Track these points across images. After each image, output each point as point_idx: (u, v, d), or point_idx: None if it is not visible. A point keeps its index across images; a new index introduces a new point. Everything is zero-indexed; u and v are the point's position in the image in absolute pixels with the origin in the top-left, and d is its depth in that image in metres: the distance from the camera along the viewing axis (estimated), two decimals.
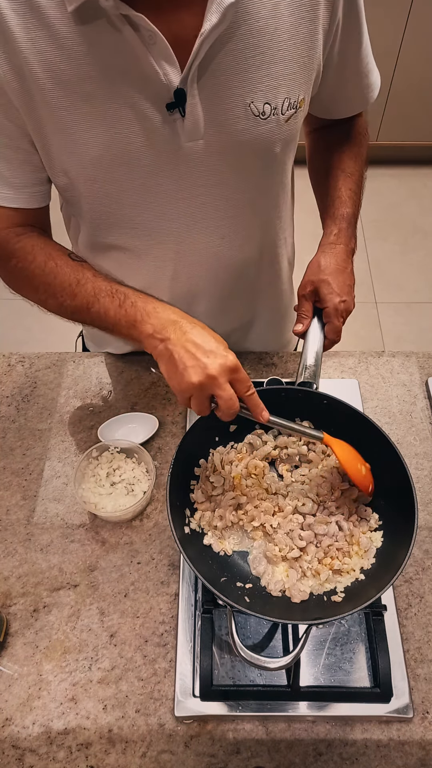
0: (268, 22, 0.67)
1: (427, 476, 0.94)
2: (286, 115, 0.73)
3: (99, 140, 0.70)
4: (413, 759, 0.71)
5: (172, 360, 0.69)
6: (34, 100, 0.67)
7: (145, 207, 0.78)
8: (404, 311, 2.51)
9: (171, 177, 0.75)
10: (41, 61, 0.64)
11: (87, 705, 0.73)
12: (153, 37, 0.63)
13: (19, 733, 0.71)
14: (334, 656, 0.76)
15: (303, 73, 0.72)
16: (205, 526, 0.78)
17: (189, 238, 0.83)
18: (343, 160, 0.94)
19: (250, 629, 0.78)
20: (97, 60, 0.64)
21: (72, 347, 1.25)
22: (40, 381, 1.05)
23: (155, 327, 0.72)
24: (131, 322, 0.74)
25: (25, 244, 0.79)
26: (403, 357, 1.10)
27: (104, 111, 0.68)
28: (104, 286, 0.77)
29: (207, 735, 0.72)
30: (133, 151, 0.71)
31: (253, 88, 0.70)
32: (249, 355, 1.09)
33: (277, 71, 0.70)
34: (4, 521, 0.88)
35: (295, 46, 0.70)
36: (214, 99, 0.69)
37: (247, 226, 0.87)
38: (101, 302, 0.76)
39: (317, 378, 0.83)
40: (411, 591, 0.82)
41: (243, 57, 0.68)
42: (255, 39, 0.67)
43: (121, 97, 0.67)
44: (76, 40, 0.63)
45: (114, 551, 0.85)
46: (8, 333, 2.35)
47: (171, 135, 0.71)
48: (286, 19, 0.67)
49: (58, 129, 0.69)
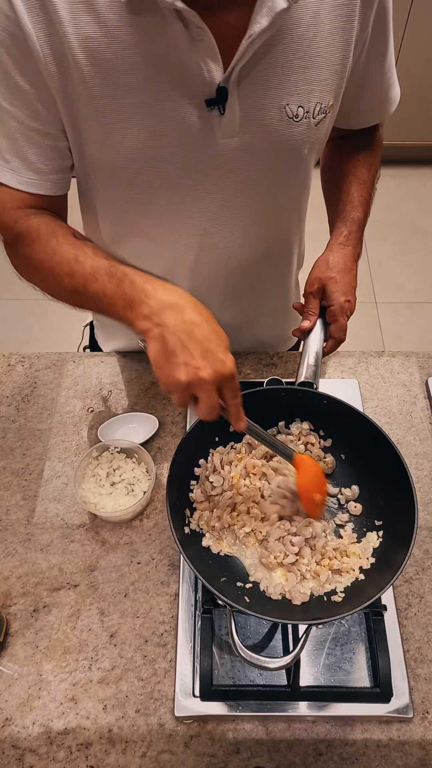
0: (308, 29, 0.68)
1: (427, 476, 0.94)
2: (316, 119, 0.75)
3: (136, 132, 0.70)
4: (413, 759, 0.71)
5: (165, 348, 0.63)
6: (73, 87, 0.67)
7: (172, 200, 0.79)
8: (404, 311, 2.51)
9: (202, 172, 0.76)
10: (86, 48, 0.64)
11: (87, 705, 0.73)
12: (201, 34, 0.63)
13: (19, 733, 0.71)
14: (334, 656, 0.76)
15: (334, 79, 0.74)
16: (203, 526, 0.78)
17: (212, 232, 0.85)
18: (357, 168, 0.95)
19: (250, 629, 0.78)
20: (143, 51, 0.65)
21: (72, 348, 1.25)
22: (40, 381, 1.05)
23: (152, 309, 0.64)
24: (128, 303, 0.67)
25: (32, 223, 0.77)
26: (403, 357, 1.10)
27: (144, 103, 0.68)
28: (103, 264, 0.70)
29: (207, 735, 0.72)
30: (168, 145, 0.72)
31: (289, 91, 0.71)
32: (249, 355, 1.09)
33: (312, 76, 0.72)
34: (4, 521, 0.88)
35: (330, 54, 0.71)
36: (252, 99, 0.71)
37: (269, 223, 0.89)
38: (99, 281, 0.70)
39: (317, 378, 0.83)
40: (411, 591, 0.82)
41: (283, 60, 0.69)
42: (296, 44, 0.69)
43: (162, 91, 0.68)
44: (125, 30, 0.63)
45: (114, 551, 0.85)
46: (8, 333, 2.35)
47: (207, 131, 0.72)
48: (325, 27, 0.69)
49: (96, 118, 0.69)
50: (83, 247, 0.74)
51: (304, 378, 0.83)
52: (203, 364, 0.62)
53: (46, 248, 0.74)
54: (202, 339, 0.63)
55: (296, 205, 0.92)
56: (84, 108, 0.69)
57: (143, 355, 1.08)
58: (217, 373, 0.62)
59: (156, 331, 0.63)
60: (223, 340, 0.65)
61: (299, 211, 0.95)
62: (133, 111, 0.69)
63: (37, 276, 0.78)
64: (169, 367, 0.63)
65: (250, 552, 0.78)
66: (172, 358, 0.62)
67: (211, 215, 0.82)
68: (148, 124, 0.70)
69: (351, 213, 0.92)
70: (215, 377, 0.62)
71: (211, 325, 0.65)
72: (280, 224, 0.92)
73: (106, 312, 0.71)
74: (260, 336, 1.11)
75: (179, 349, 0.62)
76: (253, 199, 0.82)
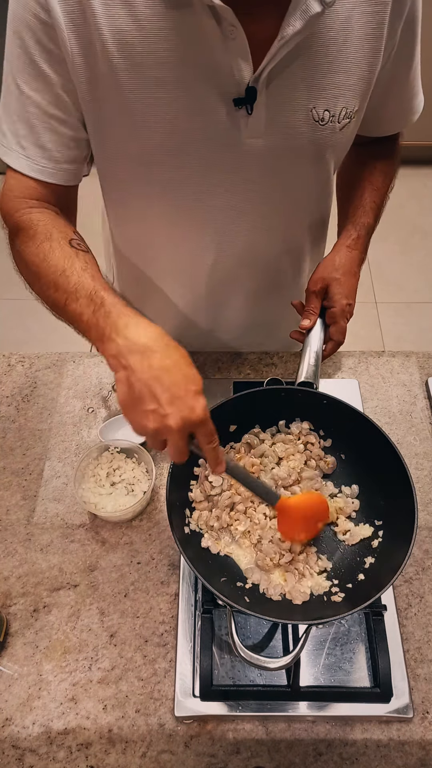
0: (339, 33, 0.69)
1: (427, 476, 0.94)
2: (341, 123, 0.76)
3: (162, 126, 0.70)
4: (413, 759, 0.71)
5: (131, 393, 0.60)
6: (100, 78, 0.67)
7: (193, 196, 0.80)
8: (404, 311, 2.51)
9: (225, 170, 0.77)
10: (118, 40, 0.64)
11: (87, 705, 0.73)
12: (234, 32, 0.64)
13: (19, 733, 0.71)
14: (334, 656, 0.76)
15: (361, 85, 0.74)
16: (203, 526, 0.78)
17: (231, 229, 0.85)
18: (374, 174, 0.96)
19: (250, 629, 0.78)
20: (175, 47, 0.65)
21: (72, 348, 1.25)
22: (40, 381, 1.05)
23: (120, 349, 0.61)
24: (99, 335, 0.64)
25: (33, 218, 0.75)
26: (403, 357, 1.10)
27: (173, 98, 0.68)
28: (87, 285, 0.67)
29: (207, 735, 0.72)
30: (194, 141, 0.72)
31: (317, 94, 0.72)
32: (249, 355, 1.09)
33: (340, 81, 0.72)
34: (4, 521, 0.88)
35: (359, 60, 0.72)
36: (279, 100, 0.71)
37: (290, 224, 0.90)
38: (78, 302, 0.67)
39: (317, 378, 0.83)
40: (411, 591, 0.82)
41: (313, 63, 0.70)
42: (326, 48, 0.69)
43: (191, 87, 0.68)
44: (158, 25, 0.64)
45: (114, 551, 0.85)
46: (8, 333, 2.35)
47: (233, 130, 0.72)
48: (355, 33, 0.69)
49: (122, 111, 0.69)
50: (73, 259, 0.71)
51: (304, 378, 0.83)
52: (171, 411, 0.59)
53: (39, 251, 0.72)
54: (170, 385, 0.59)
55: (319, 208, 0.93)
56: (110, 100, 0.69)
57: None
58: (185, 420, 0.59)
59: (123, 374, 0.61)
60: (194, 384, 0.61)
61: (322, 214, 0.95)
62: (161, 105, 0.69)
63: (26, 274, 0.77)
64: (136, 413, 0.60)
65: (243, 554, 0.78)
66: (139, 405, 0.60)
67: (233, 214, 0.83)
68: (175, 119, 0.70)
69: (362, 218, 0.92)
70: (183, 424, 0.59)
71: (181, 370, 0.61)
72: (302, 226, 0.93)
73: (82, 335, 0.69)
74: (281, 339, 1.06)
75: (146, 396, 0.59)
76: (275, 198, 0.83)
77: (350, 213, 0.94)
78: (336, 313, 0.86)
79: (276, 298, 1.04)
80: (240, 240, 0.87)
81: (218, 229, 0.85)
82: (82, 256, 0.72)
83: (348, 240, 0.91)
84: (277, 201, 0.84)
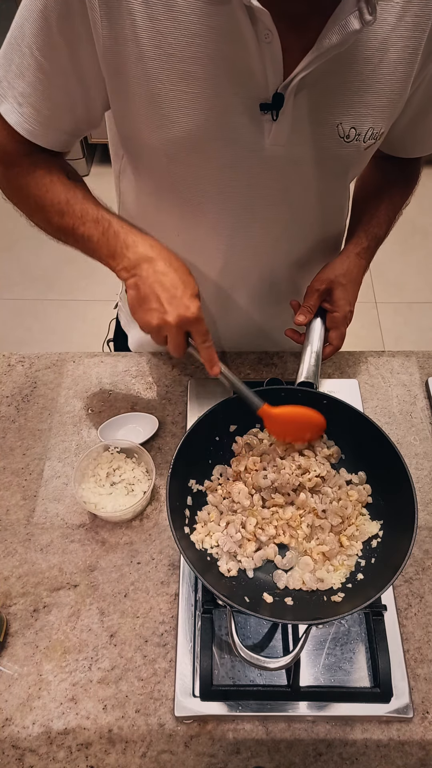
0: (374, 54, 0.68)
1: (427, 476, 0.94)
2: (366, 143, 0.76)
3: (187, 121, 0.70)
4: (413, 759, 0.71)
5: (138, 295, 0.72)
6: (128, 64, 0.66)
7: (208, 196, 0.80)
8: (404, 311, 2.51)
9: (244, 174, 0.77)
10: (151, 29, 0.64)
11: (87, 705, 0.73)
12: (269, 36, 0.63)
13: (19, 733, 0.71)
14: (334, 656, 0.76)
15: (390, 108, 0.74)
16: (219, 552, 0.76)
17: (243, 234, 0.86)
18: (391, 190, 0.96)
19: (250, 629, 0.78)
20: (208, 43, 0.65)
21: (72, 348, 1.25)
22: (40, 381, 1.05)
23: (130, 261, 0.74)
24: (111, 252, 0.75)
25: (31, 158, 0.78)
26: (403, 357, 1.10)
27: (199, 94, 0.68)
28: (91, 210, 0.77)
29: (207, 735, 0.72)
30: (216, 140, 0.72)
31: (345, 111, 0.72)
32: (249, 355, 1.09)
33: (370, 101, 0.72)
34: (4, 521, 0.88)
35: (391, 83, 0.71)
36: (306, 111, 0.71)
37: (303, 234, 0.90)
38: (86, 226, 0.76)
39: (317, 378, 0.83)
40: (411, 591, 0.82)
41: (345, 80, 0.69)
42: (360, 66, 0.69)
43: (219, 85, 0.67)
44: (193, 19, 0.63)
45: (114, 551, 0.85)
46: (8, 333, 2.34)
47: (256, 134, 0.72)
48: (391, 56, 0.69)
49: (148, 100, 0.69)
50: (74, 190, 0.79)
51: (304, 378, 0.83)
52: (169, 309, 0.71)
53: (40, 184, 0.78)
54: (169, 287, 0.71)
55: (333, 223, 0.93)
56: (138, 88, 0.68)
57: (144, 355, 1.08)
58: (181, 317, 0.71)
59: (132, 281, 0.74)
60: (189, 288, 0.73)
61: (336, 231, 0.96)
62: (186, 99, 0.68)
63: (25, 206, 0.82)
64: (142, 311, 0.73)
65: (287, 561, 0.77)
66: (144, 304, 0.72)
67: (246, 218, 0.83)
68: (199, 116, 0.69)
69: (374, 228, 0.92)
70: (179, 320, 0.71)
71: (179, 275, 0.73)
72: (314, 239, 0.93)
73: (91, 255, 0.79)
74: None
75: (150, 297, 0.71)
76: (291, 208, 0.83)
77: (364, 221, 0.93)
78: (338, 319, 0.86)
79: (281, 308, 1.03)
80: (251, 245, 0.88)
81: (230, 232, 0.85)
82: (81, 187, 0.81)
83: (358, 248, 0.90)
84: (292, 211, 0.84)
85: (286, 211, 0.84)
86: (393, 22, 0.67)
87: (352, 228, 0.96)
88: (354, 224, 0.96)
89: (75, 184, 0.80)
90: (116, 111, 0.75)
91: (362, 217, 0.95)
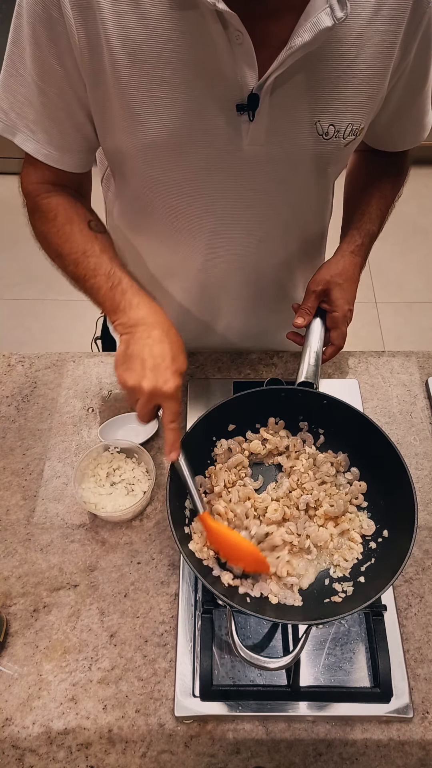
0: (350, 50, 0.68)
1: (427, 476, 0.94)
2: (346, 140, 0.76)
3: (162, 126, 0.70)
4: (413, 759, 0.71)
5: (126, 352, 0.73)
6: (103, 74, 0.67)
7: (188, 198, 0.80)
8: (404, 311, 2.51)
9: (222, 176, 0.77)
10: (122, 37, 0.64)
11: (87, 705, 0.73)
12: (240, 38, 0.63)
13: (19, 733, 0.71)
14: (334, 656, 0.76)
15: (368, 103, 0.74)
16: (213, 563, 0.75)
17: (226, 235, 0.86)
18: (381, 184, 0.96)
19: (250, 629, 0.78)
20: (180, 48, 0.65)
21: (72, 348, 1.25)
22: (40, 381, 1.05)
23: (130, 319, 0.75)
24: (114, 307, 0.77)
25: (51, 202, 0.81)
26: (403, 357, 1.10)
27: (174, 99, 0.68)
28: (105, 265, 0.79)
29: (207, 735, 0.72)
30: (193, 144, 0.72)
31: (323, 108, 0.71)
32: (249, 355, 1.09)
33: (348, 97, 0.71)
34: (4, 521, 0.88)
35: (368, 78, 0.71)
36: (283, 110, 0.71)
37: (285, 234, 0.90)
38: (97, 279, 0.78)
39: (317, 378, 0.83)
40: (411, 591, 0.82)
41: (321, 77, 0.69)
42: (335, 63, 0.68)
43: (193, 89, 0.68)
44: (164, 25, 0.63)
45: (114, 551, 0.85)
46: (8, 333, 2.34)
47: (234, 136, 0.72)
48: (368, 50, 0.68)
49: (123, 107, 0.69)
50: (93, 242, 0.80)
51: (304, 378, 0.83)
52: (149, 375, 0.70)
53: (61, 233, 0.80)
54: (157, 355, 0.71)
55: (316, 222, 0.93)
56: (113, 96, 0.69)
57: None
58: (156, 389, 0.69)
59: (125, 338, 0.74)
60: (176, 363, 0.72)
61: (319, 229, 0.95)
62: (162, 105, 0.68)
63: (48, 251, 0.85)
64: (123, 368, 0.72)
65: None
66: (127, 362, 0.72)
67: (228, 219, 0.83)
68: (175, 120, 0.70)
69: (367, 224, 0.92)
70: (153, 390, 0.69)
71: (171, 348, 0.72)
72: (298, 238, 0.93)
73: (97, 305, 0.82)
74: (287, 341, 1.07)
75: (135, 358, 0.71)
76: (271, 208, 0.83)
77: (356, 218, 0.93)
78: (338, 318, 0.86)
79: (270, 310, 1.03)
80: (234, 246, 0.87)
81: (212, 233, 0.85)
82: (101, 238, 0.82)
83: (352, 246, 0.90)
84: (274, 211, 0.84)
85: (269, 211, 0.83)
86: (368, 17, 0.66)
87: (345, 226, 0.95)
88: (346, 222, 0.96)
89: (95, 236, 0.82)
90: (97, 121, 0.75)
91: (354, 213, 0.94)
